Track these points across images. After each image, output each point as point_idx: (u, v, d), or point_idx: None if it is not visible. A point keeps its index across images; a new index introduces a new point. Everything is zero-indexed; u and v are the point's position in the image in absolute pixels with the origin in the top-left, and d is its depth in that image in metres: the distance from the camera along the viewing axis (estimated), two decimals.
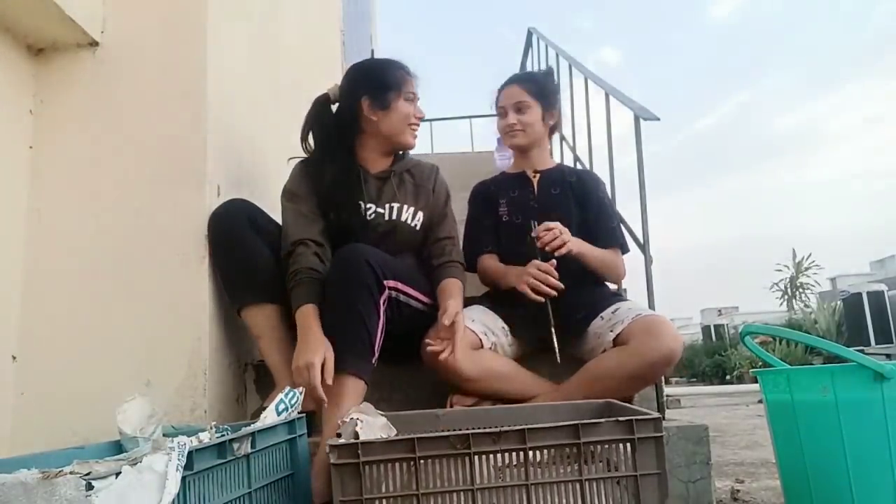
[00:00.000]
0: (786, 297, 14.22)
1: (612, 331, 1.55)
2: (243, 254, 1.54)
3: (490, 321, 1.67)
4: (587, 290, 1.71)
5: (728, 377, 9.95)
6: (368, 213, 1.65)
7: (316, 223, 1.61)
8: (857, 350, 1.39)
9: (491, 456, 1.00)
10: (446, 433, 1.03)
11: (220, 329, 1.59)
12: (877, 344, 8.55)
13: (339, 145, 1.68)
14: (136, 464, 0.84)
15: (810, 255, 14.20)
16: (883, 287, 9.19)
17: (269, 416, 1.13)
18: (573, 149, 3.09)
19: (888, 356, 7.56)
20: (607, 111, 2.32)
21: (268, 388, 1.69)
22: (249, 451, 1.01)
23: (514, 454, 1.00)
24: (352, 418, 1.14)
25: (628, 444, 1.01)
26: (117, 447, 1.16)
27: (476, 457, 0.99)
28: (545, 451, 1.01)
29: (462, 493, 0.99)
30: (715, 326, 14.18)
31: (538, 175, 1.91)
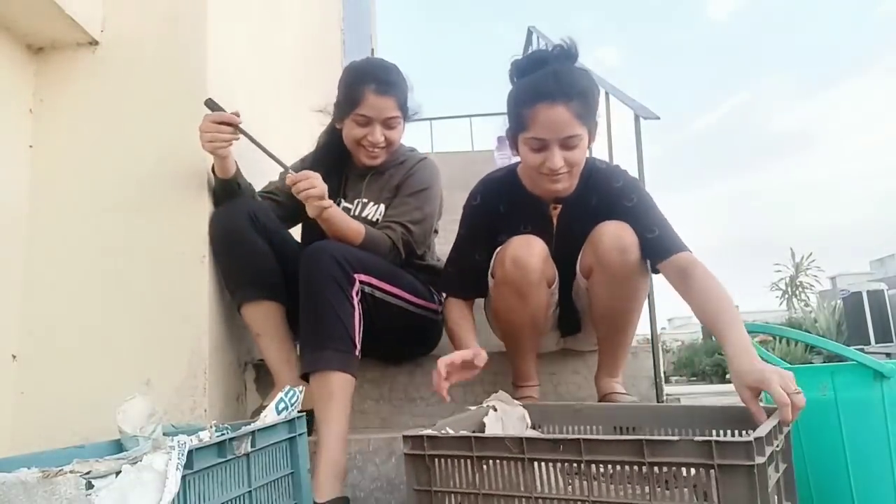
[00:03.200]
0: (786, 296, 14.22)
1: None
2: (244, 251, 1.54)
3: None
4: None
5: (728, 376, 9.95)
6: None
7: (279, 201, 1.72)
8: (857, 349, 1.39)
9: (558, 464, 0.93)
10: (503, 435, 0.99)
11: (219, 328, 1.59)
12: (877, 343, 8.54)
13: (327, 144, 1.76)
14: (136, 463, 0.84)
15: (811, 254, 14.21)
16: (883, 286, 9.18)
17: (268, 415, 1.13)
18: None
19: (888, 355, 7.55)
20: (607, 110, 2.32)
21: (267, 387, 1.70)
22: (249, 450, 1.01)
23: (574, 465, 0.91)
24: (487, 405, 1.13)
25: (711, 471, 0.82)
26: (117, 446, 1.16)
27: (537, 463, 0.93)
28: (608, 467, 0.89)
29: (521, 500, 0.94)
30: None
31: (559, 208, 1.53)
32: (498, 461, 0.95)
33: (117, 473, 0.82)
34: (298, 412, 1.19)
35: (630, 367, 1.70)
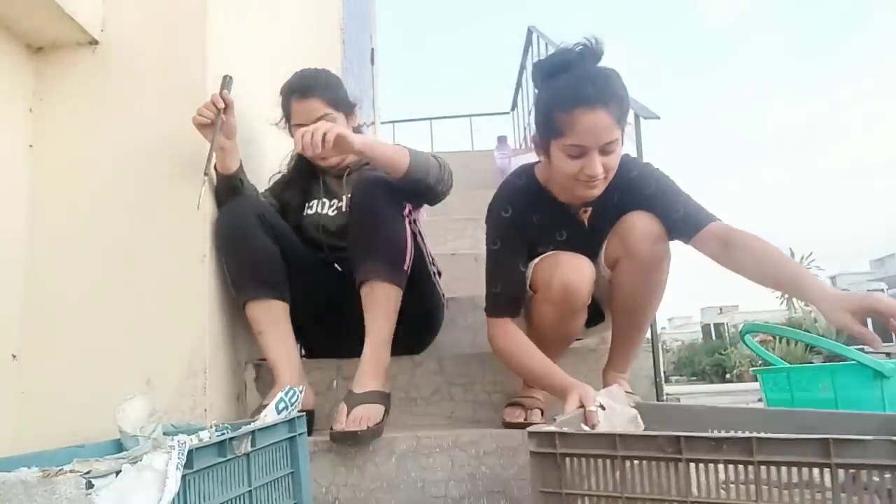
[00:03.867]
0: (786, 295, 14.22)
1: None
2: (251, 249, 1.55)
3: None
4: None
5: (728, 376, 9.96)
6: (309, 209, 1.79)
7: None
8: (857, 349, 1.39)
9: (712, 465, 0.84)
10: (654, 433, 0.90)
11: (220, 328, 1.59)
12: None
13: (298, 156, 1.82)
14: (136, 462, 0.84)
15: (811, 254, 14.21)
16: (883, 286, 9.19)
17: (269, 415, 1.13)
18: None
19: (888, 355, 7.55)
20: None
21: (267, 386, 1.70)
22: (249, 449, 1.02)
23: (740, 467, 0.82)
24: (598, 404, 1.07)
25: None
26: (118, 446, 1.16)
27: (691, 464, 0.84)
28: (782, 469, 0.80)
29: None
30: (715, 325, 14.20)
31: (589, 210, 1.51)
32: (645, 461, 0.87)
33: (117, 473, 0.82)
34: (298, 412, 1.20)
35: (632, 367, 1.70)
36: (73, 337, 1.53)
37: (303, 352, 1.86)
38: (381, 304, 1.49)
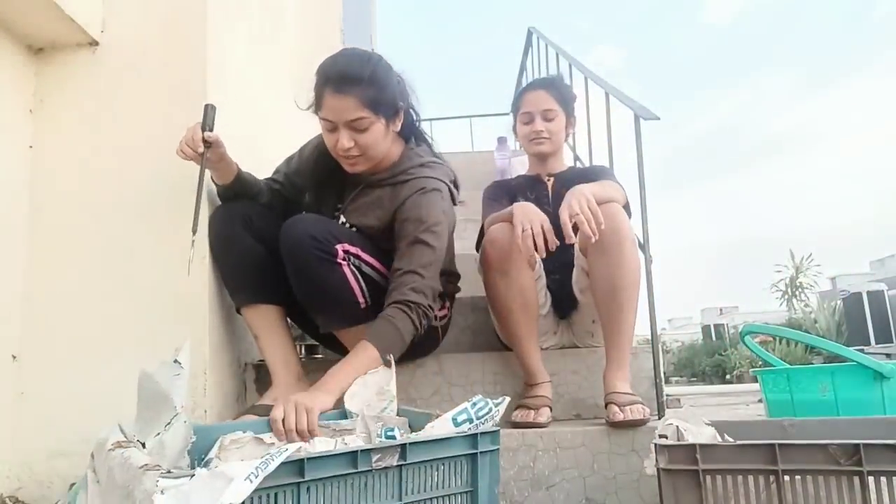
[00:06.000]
0: (786, 296, 14.22)
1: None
2: (239, 255, 1.54)
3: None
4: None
5: (728, 377, 9.96)
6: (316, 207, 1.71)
7: (275, 188, 1.68)
8: (857, 350, 1.39)
9: (894, 479, 0.73)
10: (824, 441, 0.77)
11: (220, 328, 1.59)
12: (877, 343, 8.55)
13: (318, 146, 1.65)
14: (211, 468, 0.84)
15: (811, 254, 14.20)
16: (883, 287, 9.19)
17: (437, 426, 1.05)
18: (573, 148, 3.09)
19: (888, 356, 7.55)
20: (607, 111, 2.32)
21: (267, 387, 1.70)
22: (395, 463, 0.96)
23: None
24: (670, 424, 0.95)
25: None
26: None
27: (870, 477, 0.73)
28: None
29: None
30: (715, 326, 14.20)
31: (552, 179, 1.93)
32: (810, 476, 0.75)
33: (192, 476, 0.80)
34: (493, 427, 1.08)
35: (630, 367, 1.69)
36: (73, 337, 1.53)
37: (303, 352, 1.86)
38: (351, 343, 1.47)
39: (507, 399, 1.15)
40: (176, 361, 1.08)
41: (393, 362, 1.32)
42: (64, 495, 1.32)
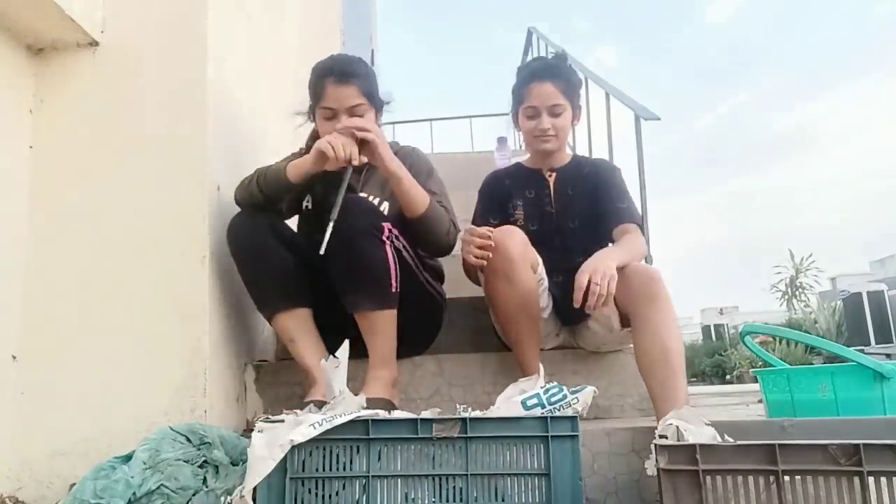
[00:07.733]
0: (786, 296, 14.21)
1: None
2: (271, 264, 1.57)
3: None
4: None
5: (728, 377, 9.94)
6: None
7: None
8: (857, 350, 1.39)
9: (894, 479, 0.72)
10: (824, 441, 0.77)
11: (220, 328, 1.59)
12: (877, 343, 8.54)
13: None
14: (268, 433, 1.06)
15: (811, 255, 14.19)
16: (883, 287, 9.18)
17: (503, 408, 1.14)
18: (573, 148, 3.09)
19: (888, 356, 7.55)
20: (607, 111, 2.32)
21: (268, 387, 1.72)
22: (456, 434, 1.07)
23: None
24: (670, 424, 0.96)
25: None
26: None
27: (870, 477, 0.73)
28: None
29: None
30: (715, 326, 14.18)
31: (554, 174, 1.85)
32: (810, 477, 0.75)
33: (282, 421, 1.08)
34: (573, 412, 1.13)
35: (630, 367, 1.69)
36: (73, 337, 1.53)
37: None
38: (376, 329, 1.52)
39: (590, 388, 1.16)
40: (335, 356, 1.22)
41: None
42: (64, 495, 1.31)
